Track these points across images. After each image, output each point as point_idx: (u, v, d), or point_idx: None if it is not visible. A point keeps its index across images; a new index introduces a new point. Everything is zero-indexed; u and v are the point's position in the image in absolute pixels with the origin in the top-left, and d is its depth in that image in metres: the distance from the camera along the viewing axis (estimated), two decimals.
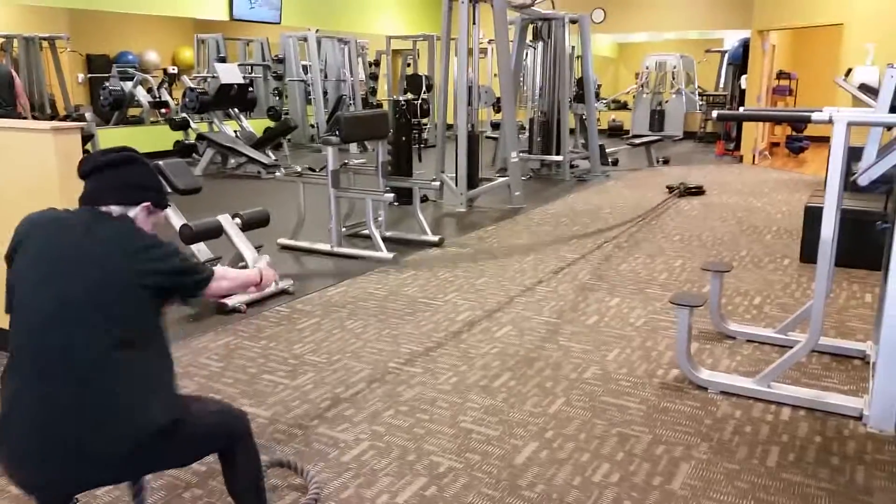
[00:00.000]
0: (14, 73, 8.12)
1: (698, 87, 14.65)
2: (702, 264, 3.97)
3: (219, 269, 1.91)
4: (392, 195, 5.36)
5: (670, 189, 7.97)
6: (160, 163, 4.33)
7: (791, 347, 3.00)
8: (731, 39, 13.74)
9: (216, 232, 4.25)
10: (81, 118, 8.51)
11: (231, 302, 3.99)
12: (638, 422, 2.78)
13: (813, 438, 2.66)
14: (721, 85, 14.37)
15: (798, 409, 2.88)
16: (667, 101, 14.31)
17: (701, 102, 14.18)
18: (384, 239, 5.39)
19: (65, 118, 9.40)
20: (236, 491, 1.89)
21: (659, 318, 3.96)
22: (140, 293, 1.68)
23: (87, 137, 8.06)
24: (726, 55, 13.75)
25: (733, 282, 4.62)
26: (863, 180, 2.66)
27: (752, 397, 2.96)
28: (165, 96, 11.02)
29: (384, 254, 5.13)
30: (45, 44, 10.61)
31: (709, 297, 3.71)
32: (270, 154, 9.60)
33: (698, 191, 7.95)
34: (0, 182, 3.15)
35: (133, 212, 1.78)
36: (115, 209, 1.75)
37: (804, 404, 2.89)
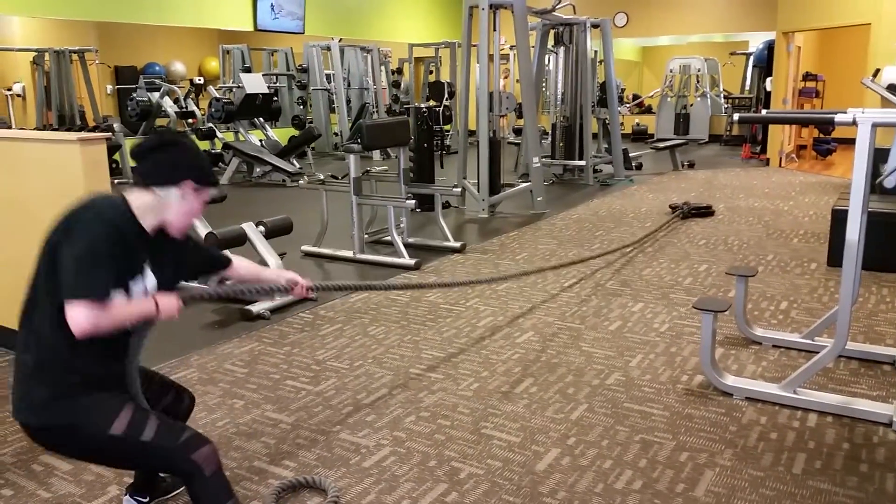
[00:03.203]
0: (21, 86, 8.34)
1: (723, 89, 14.52)
2: (727, 269, 3.92)
3: (108, 307, 1.68)
4: (414, 202, 5.38)
5: (673, 209, 7.03)
6: None
7: (818, 353, 2.95)
8: (756, 42, 13.60)
9: (240, 240, 4.30)
10: (110, 129, 8.68)
11: (256, 308, 4.03)
12: (661, 428, 2.75)
13: (841, 445, 2.62)
14: (746, 87, 14.23)
15: (825, 415, 2.83)
16: (691, 105, 14.20)
17: (726, 105, 14.05)
18: (406, 245, 5.41)
19: (94, 129, 9.57)
20: None
21: (683, 323, 3.93)
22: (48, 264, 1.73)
23: (115, 148, 8.22)
24: (751, 57, 13.63)
25: (759, 286, 4.56)
26: (889, 182, 2.62)
27: (777, 403, 2.92)
28: (192, 106, 11.16)
29: (406, 260, 5.14)
30: (74, 57, 10.83)
31: (734, 301, 3.67)
32: (294, 162, 9.69)
33: (707, 211, 6.95)
34: (29, 192, 3.22)
35: (174, 192, 1.81)
36: (157, 191, 1.80)
37: (831, 410, 2.84)
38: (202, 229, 4.30)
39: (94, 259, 1.66)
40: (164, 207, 1.82)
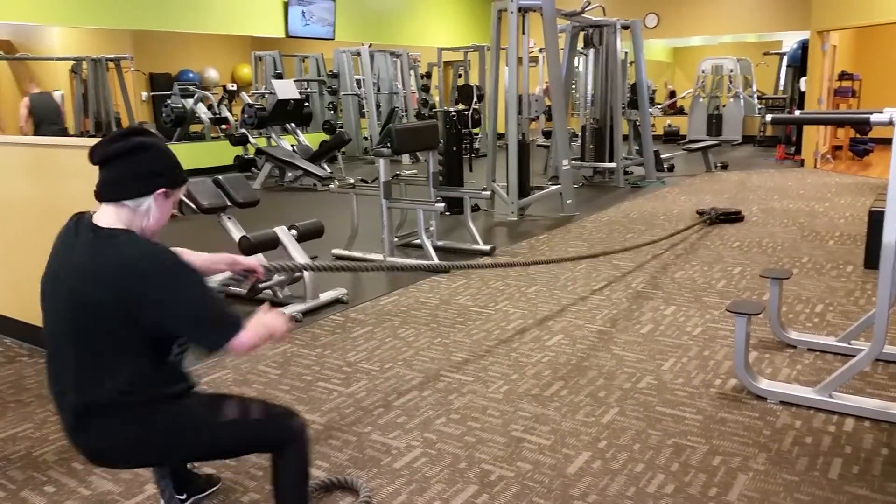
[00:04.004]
0: (61, 95, 8.58)
1: (757, 90, 14.32)
2: (761, 271, 3.87)
3: (247, 331, 1.72)
4: (443, 205, 5.40)
5: (700, 214, 6.80)
6: (220, 177, 4.48)
7: (854, 356, 2.90)
8: (789, 41, 13.40)
9: (273, 243, 4.35)
10: None
11: (288, 311, 4.08)
12: (694, 432, 2.73)
13: (879, 451, 2.57)
14: (780, 88, 14.02)
15: (862, 419, 2.78)
16: (724, 106, 14.03)
17: (760, 106, 13.86)
18: (436, 248, 5.43)
19: None
20: (277, 493, 1.93)
21: (716, 326, 3.88)
22: (118, 322, 1.65)
23: None
24: (785, 57, 13.42)
25: (794, 289, 4.49)
26: None
27: (813, 407, 2.87)
28: (225, 112, 11.35)
29: (436, 263, 5.16)
30: (111, 64, 11.06)
31: (768, 304, 3.62)
32: (325, 167, 9.78)
33: (736, 217, 6.69)
34: (67, 198, 3.30)
35: (148, 202, 1.72)
36: (129, 203, 1.70)
37: (869, 415, 2.79)
38: (236, 233, 4.36)
39: (203, 291, 1.69)
40: (140, 219, 1.73)
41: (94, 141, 1.85)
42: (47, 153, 3.50)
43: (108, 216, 1.71)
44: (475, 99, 10.93)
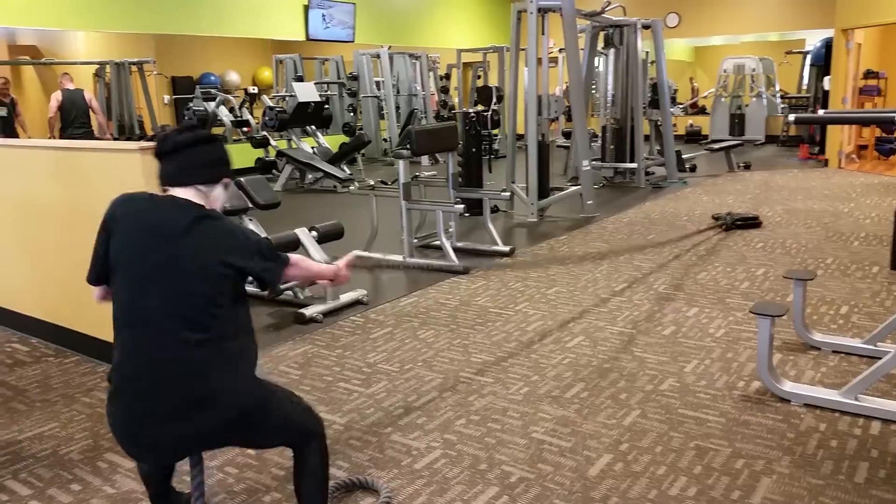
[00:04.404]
0: (89, 94, 8.69)
1: (780, 89, 14.17)
2: (785, 272, 3.82)
3: (294, 257, 1.97)
4: (462, 206, 5.39)
5: (716, 219, 6.57)
6: (242, 179, 4.51)
7: (880, 358, 2.86)
8: (812, 40, 13.23)
9: (294, 245, 4.37)
10: None
11: (309, 312, 4.11)
12: (717, 435, 2.70)
13: None
14: (803, 87, 13.86)
15: (889, 423, 2.74)
16: (746, 105, 13.89)
17: (783, 105, 13.71)
18: (455, 249, 5.43)
19: (152, 138, 9.87)
20: (301, 490, 1.96)
21: (740, 328, 3.85)
22: (225, 282, 1.78)
23: None
24: (808, 56, 13.26)
25: (818, 290, 4.44)
26: None
27: (838, 410, 2.83)
28: (246, 115, 11.43)
29: (455, 264, 5.16)
30: (133, 68, 11.21)
31: (792, 306, 3.58)
32: (345, 169, 9.82)
33: (753, 222, 6.40)
34: (91, 200, 3.34)
35: (218, 189, 1.89)
36: (206, 188, 1.85)
37: None
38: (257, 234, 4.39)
39: (262, 239, 1.92)
40: (211, 203, 1.87)
41: (115, 144, 1.91)
42: (73, 156, 3.55)
43: (189, 195, 1.83)
44: (494, 100, 10.91)
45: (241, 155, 10.58)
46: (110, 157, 3.32)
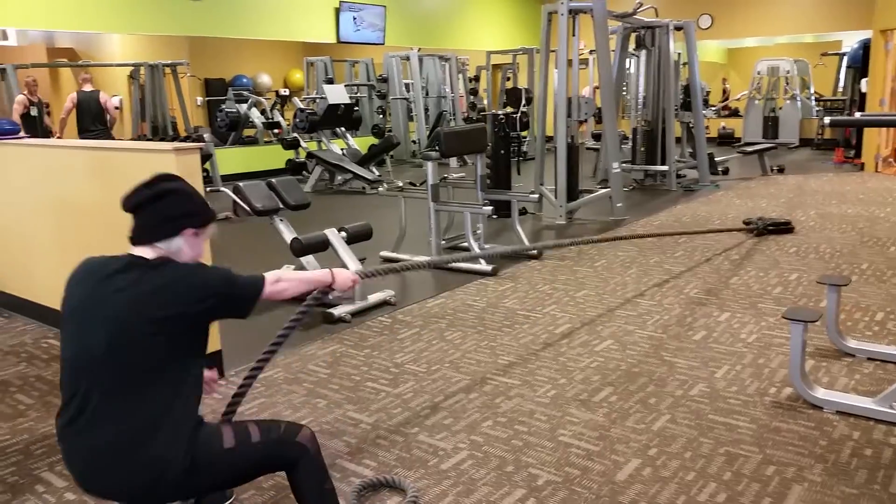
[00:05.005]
0: (104, 96, 8.87)
1: (815, 91, 13.93)
2: (818, 277, 3.76)
3: (272, 275, 1.93)
4: (490, 208, 5.39)
5: (747, 224, 6.36)
6: (273, 181, 4.57)
7: None
8: (849, 41, 12.99)
9: (323, 245, 4.42)
10: (200, 139, 9.06)
11: (337, 312, 4.14)
12: (747, 441, 2.67)
13: None
14: (839, 89, 13.60)
15: None
16: (780, 108, 13.68)
17: (817, 108, 13.47)
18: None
19: (185, 139, 10.03)
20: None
21: (772, 333, 3.79)
22: (157, 337, 1.71)
23: (206, 157, 8.59)
24: (845, 58, 13.02)
25: (853, 296, 4.35)
26: None
27: (872, 418, 2.78)
28: (278, 117, 11.55)
29: (483, 266, 5.16)
30: (167, 70, 11.38)
31: (825, 311, 3.52)
32: (374, 170, 9.87)
33: (785, 227, 6.27)
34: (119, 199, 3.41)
35: (178, 241, 1.83)
36: (161, 245, 1.81)
37: None
38: (287, 235, 4.44)
39: (222, 272, 1.86)
40: (174, 257, 1.83)
41: (150, 144, 1.93)
42: (108, 156, 3.62)
43: (144, 253, 1.82)
44: (523, 102, 10.89)
45: (272, 156, 10.72)
46: (145, 158, 3.38)
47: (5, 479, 2.53)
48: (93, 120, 8.79)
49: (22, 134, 4.60)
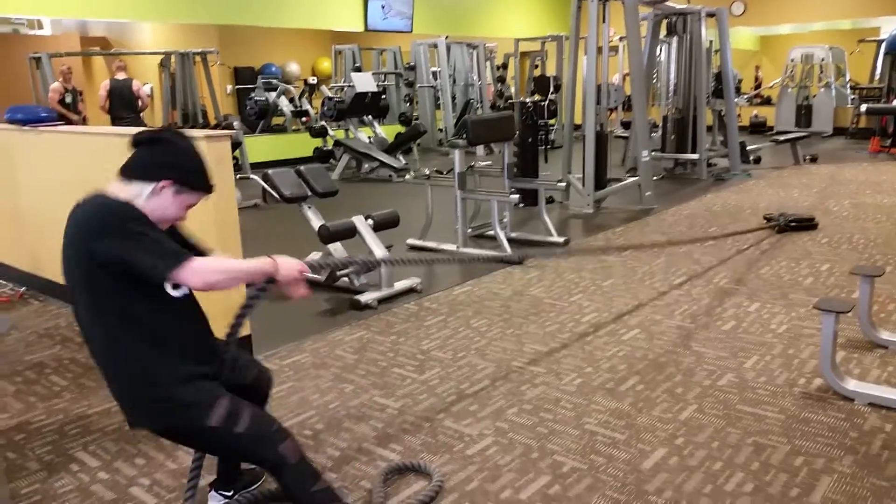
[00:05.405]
0: (136, 84, 9.04)
1: (850, 79, 13.62)
2: (851, 268, 3.70)
3: (201, 263, 1.76)
4: (517, 196, 5.38)
5: (768, 220, 6.06)
6: (301, 168, 4.60)
7: None
8: (888, 27, 12.66)
9: (350, 232, 4.44)
10: (230, 127, 9.14)
11: (364, 298, 4.16)
12: (776, 431, 2.64)
13: None
14: (876, 77, 13.28)
15: None
16: (814, 96, 13.41)
17: (853, 96, 13.17)
18: (509, 240, 5.42)
19: (215, 127, 10.13)
20: None
21: (802, 324, 3.74)
22: (102, 274, 1.75)
23: (235, 145, 8.67)
24: (883, 44, 12.70)
25: (887, 287, 4.27)
26: None
27: None
28: (306, 105, 11.60)
29: (509, 254, 5.15)
30: (197, 58, 11.48)
31: (858, 302, 3.46)
32: (401, 158, 9.88)
33: (809, 224, 5.90)
34: None
35: (152, 189, 1.80)
36: (135, 184, 1.81)
37: None
38: (315, 222, 4.47)
39: (150, 236, 1.73)
40: (142, 203, 1.80)
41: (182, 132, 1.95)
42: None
43: (114, 188, 1.83)
44: (551, 89, 10.81)
45: (300, 144, 10.78)
46: None
47: (42, 458, 2.60)
48: (125, 107, 8.98)
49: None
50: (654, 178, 7.89)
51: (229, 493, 2.25)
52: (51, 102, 8.93)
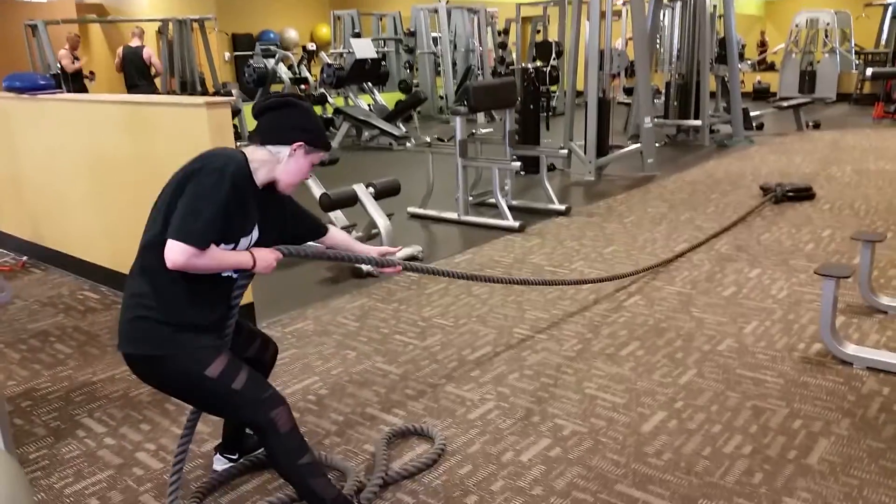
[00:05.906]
0: (148, 51, 9.08)
1: (855, 44, 13.46)
2: (853, 234, 3.69)
3: (205, 252, 1.76)
4: (519, 164, 5.36)
5: (765, 191, 5.93)
6: None
7: None
8: None
9: (352, 200, 4.44)
10: (228, 94, 9.10)
11: (366, 267, 4.17)
12: (774, 395, 2.67)
13: None
14: (882, 42, 13.12)
15: None
16: (818, 62, 13.27)
17: (857, 62, 13.02)
18: (510, 208, 5.41)
19: (213, 94, 10.06)
20: (278, 472, 2.02)
21: (803, 290, 3.75)
22: (161, 213, 1.82)
23: (234, 112, 8.63)
24: (890, 9, 12.53)
25: (888, 253, 4.28)
26: None
27: None
28: (305, 72, 11.48)
29: (510, 222, 5.15)
30: (195, 25, 11.34)
31: (858, 268, 3.47)
32: (401, 126, 9.82)
33: (806, 194, 5.80)
34: (158, 153, 3.45)
35: (286, 151, 1.90)
36: (271, 148, 1.90)
37: None
38: (317, 190, 4.46)
39: (206, 208, 1.74)
40: (275, 165, 1.90)
41: (182, 98, 1.95)
42: (141, 110, 3.65)
43: (251, 151, 1.91)
44: (553, 55, 10.70)
45: None
46: (177, 112, 3.40)
47: (48, 425, 2.64)
48: (138, 74, 9.04)
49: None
50: (657, 144, 7.86)
51: (234, 457, 2.28)
52: (67, 68, 9.05)
